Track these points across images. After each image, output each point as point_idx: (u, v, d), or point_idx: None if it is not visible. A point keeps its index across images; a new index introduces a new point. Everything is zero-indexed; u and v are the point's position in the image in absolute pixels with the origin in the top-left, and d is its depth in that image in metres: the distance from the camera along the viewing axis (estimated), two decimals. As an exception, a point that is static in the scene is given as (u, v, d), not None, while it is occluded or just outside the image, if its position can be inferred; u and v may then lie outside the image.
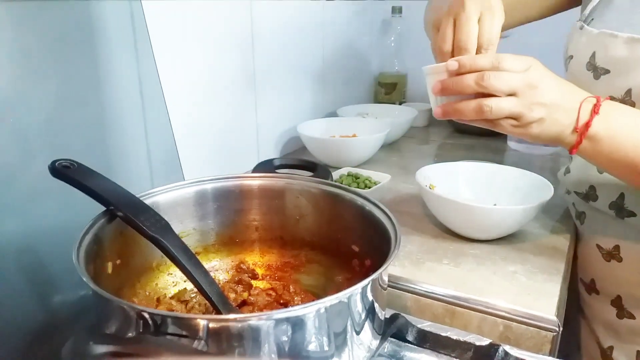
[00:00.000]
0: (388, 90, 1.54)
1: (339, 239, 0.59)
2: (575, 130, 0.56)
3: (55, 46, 0.57)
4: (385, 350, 0.52)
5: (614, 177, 0.63)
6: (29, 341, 0.54)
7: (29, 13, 0.54)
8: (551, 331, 0.57)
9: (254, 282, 0.61)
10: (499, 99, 0.54)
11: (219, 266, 0.63)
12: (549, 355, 0.57)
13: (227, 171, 0.95)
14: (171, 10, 0.76)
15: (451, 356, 0.52)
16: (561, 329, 0.57)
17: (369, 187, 0.87)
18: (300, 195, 0.61)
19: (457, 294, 0.62)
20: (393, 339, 0.54)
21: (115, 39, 0.65)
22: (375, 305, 0.46)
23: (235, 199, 0.62)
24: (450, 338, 0.52)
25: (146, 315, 0.36)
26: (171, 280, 0.59)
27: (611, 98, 0.62)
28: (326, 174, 0.83)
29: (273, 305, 0.57)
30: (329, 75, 1.33)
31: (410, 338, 0.54)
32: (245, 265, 0.63)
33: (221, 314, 0.46)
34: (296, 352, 0.39)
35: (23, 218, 0.55)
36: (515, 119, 0.55)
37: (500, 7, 0.60)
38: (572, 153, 0.58)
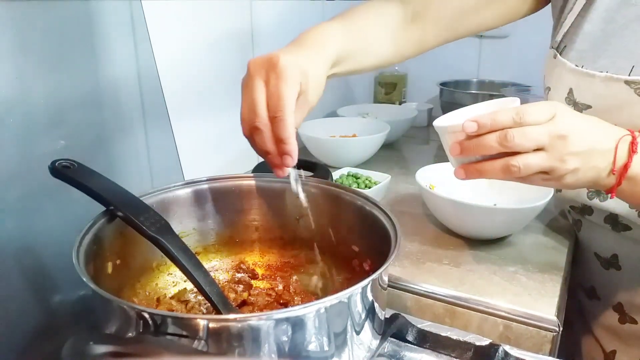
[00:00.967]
0: (388, 90, 1.54)
1: (339, 239, 0.59)
2: (613, 173, 0.51)
3: (55, 46, 0.57)
4: (385, 350, 0.52)
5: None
6: (29, 341, 0.54)
7: (29, 13, 0.54)
8: (551, 331, 0.57)
9: (254, 282, 0.61)
10: (527, 156, 0.49)
11: (219, 266, 0.63)
12: (549, 355, 0.57)
13: (227, 171, 0.95)
14: (171, 10, 0.76)
15: (451, 356, 0.52)
16: (561, 329, 0.57)
17: (369, 187, 0.87)
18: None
19: (457, 294, 0.62)
20: (393, 339, 0.54)
21: (115, 39, 0.65)
22: (375, 305, 0.46)
23: (235, 199, 0.62)
24: (450, 338, 0.52)
25: (146, 315, 0.37)
26: (171, 280, 0.59)
27: None
28: (326, 174, 0.83)
29: (273, 305, 0.57)
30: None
31: (410, 338, 0.54)
32: (245, 265, 0.63)
33: (221, 314, 0.46)
34: (296, 352, 0.39)
35: (23, 218, 0.55)
36: (546, 173, 0.51)
37: (287, 61, 0.52)
38: (612, 196, 0.53)
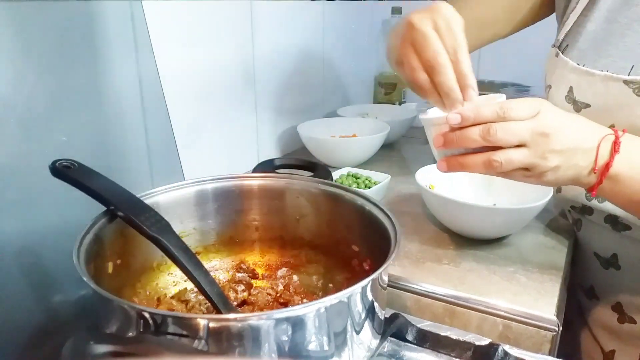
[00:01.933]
0: (388, 90, 1.54)
1: (339, 239, 0.59)
2: (594, 172, 0.52)
3: (55, 46, 0.57)
4: (385, 349, 0.52)
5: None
6: (30, 341, 0.54)
7: (29, 13, 0.54)
8: (551, 331, 0.57)
9: (254, 282, 0.61)
10: (509, 151, 0.50)
11: (219, 266, 0.63)
12: (549, 354, 0.57)
13: (227, 171, 0.96)
14: (171, 10, 0.76)
15: (451, 356, 0.52)
16: (561, 328, 0.57)
17: (369, 187, 0.87)
18: (300, 195, 0.61)
19: (457, 293, 0.62)
20: (393, 339, 0.54)
21: (115, 39, 0.65)
22: (375, 305, 0.46)
23: (235, 199, 0.62)
24: (449, 338, 0.52)
25: (147, 315, 0.37)
26: (171, 280, 0.59)
27: None
28: (326, 174, 0.83)
29: (273, 305, 0.57)
30: (329, 75, 1.33)
31: (410, 338, 0.54)
32: (245, 265, 0.63)
33: (221, 313, 0.46)
34: (296, 352, 0.39)
35: (23, 218, 0.55)
36: (527, 169, 0.52)
37: (449, 8, 0.55)
38: (593, 195, 0.54)
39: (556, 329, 0.57)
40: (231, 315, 0.44)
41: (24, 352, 0.54)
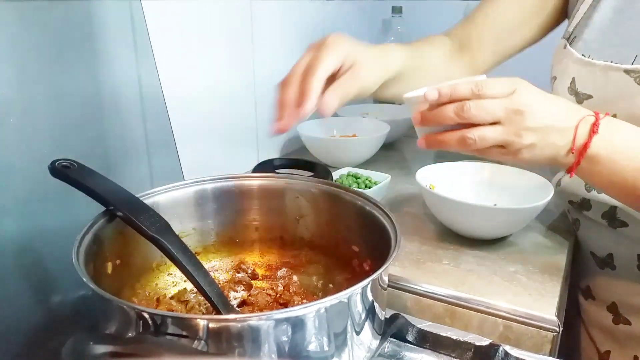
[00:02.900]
0: (388, 90, 1.53)
1: (339, 239, 0.59)
2: (572, 152, 0.52)
3: (55, 46, 0.57)
4: (385, 350, 0.52)
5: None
6: (29, 341, 0.54)
7: (29, 13, 0.54)
8: (551, 331, 0.57)
9: (254, 282, 0.61)
10: (483, 129, 0.51)
11: (219, 266, 0.63)
12: (549, 355, 0.57)
13: (227, 171, 0.95)
14: (171, 10, 0.76)
15: (451, 356, 0.52)
16: (561, 329, 0.57)
17: (369, 187, 0.87)
18: (300, 195, 0.61)
19: (457, 294, 0.62)
20: (393, 339, 0.54)
21: (115, 39, 0.65)
22: (375, 305, 0.46)
23: (235, 199, 0.62)
24: (450, 338, 0.52)
25: (146, 315, 0.37)
26: (171, 281, 0.59)
27: None
28: (326, 174, 0.83)
29: (273, 305, 0.57)
30: (329, 75, 1.32)
31: (410, 338, 0.54)
32: (245, 265, 0.63)
33: (221, 314, 0.46)
34: (296, 352, 0.39)
35: (23, 218, 0.55)
36: (503, 147, 0.52)
37: (333, 40, 0.57)
38: (571, 175, 0.55)
39: (557, 329, 0.57)
40: (231, 316, 0.44)
41: (23, 352, 0.54)
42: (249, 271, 0.62)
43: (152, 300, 0.56)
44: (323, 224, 0.61)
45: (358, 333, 0.44)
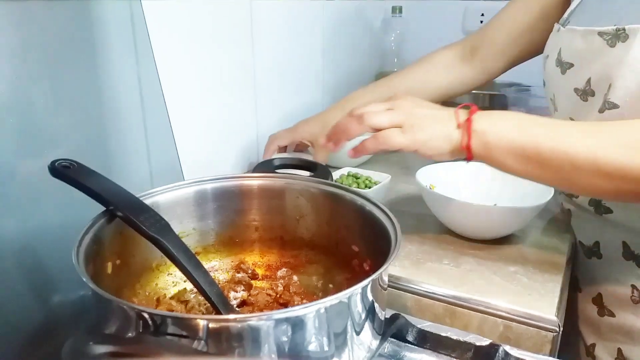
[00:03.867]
0: (388, 90, 1.53)
1: (339, 239, 0.59)
2: (459, 126, 0.58)
3: (55, 46, 0.57)
4: (385, 350, 0.52)
5: None
6: (29, 341, 0.54)
7: (29, 13, 0.54)
8: (551, 331, 0.57)
9: (254, 282, 0.61)
10: (380, 115, 0.60)
11: (219, 266, 0.63)
12: (549, 355, 0.57)
13: (227, 171, 0.95)
14: (171, 10, 0.76)
15: (451, 356, 0.52)
16: (561, 329, 0.57)
17: (369, 187, 0.87)
18: (300, 195, 0.61)
19: (457, 294, 0.62)
20: (393, 339, 0.54)
21: (115, 39, 0.65)
22: (375, 305, 0.46)
23: (235, 199, 0.62)
24: (450, 338, 0.52)
25: (146, 315, 0.36)
26: (171, 281, 0.59)
27: (575, 90, 0.65)
28: (326, 174, 0.83)
29: (273, 305, 0.57)
30: (329, 75, 1.33)
31: (410, 338, 0.54)
32: (245, 265, 0.63)
33: (221, 314, 0.46)
34: (296, 352, 0.39)
35: (23, 218, 0.55)
36: (399, 127, 0.59)
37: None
38: (469, 157, 0.58)
39: (557, 329, 0.57)
40: (231, 316, 0.44)
41: (24, 352, 0.54)
42: (249, 271, 0.62)
43: (152, 300, 0.56)
44: (323, 224, 0.61)
45: (358, 333, 0.44)
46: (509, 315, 0.59)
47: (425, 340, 0.53)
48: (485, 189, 0.81)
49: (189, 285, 0.57)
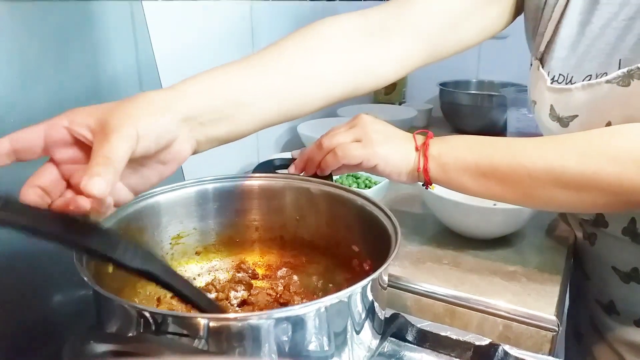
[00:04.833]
0: (388, 90, 1.54)
1: (339, 239, 0.59)
2: (417, 149, 0.58)
3: (55, 46, 0.57)
4: (385, 350, 0.52)
5: None
6: (29, 341, 0.54)
7: (29, 13, 0.54)
8: (551, 331, 0.57)
9: (254, 282, 0.61)
10: (339, 135, 0.61)
11: (219, 266, 0.63)
12: (549, 354, 0.57)
13: (227, 171, 0.96)
14: (171, 10, 0.77)
15: (451, 356, 0.52)
16: (561, 328, 0.58)
17: (369, 187, 0.87)
18: (300, 195, 0.61)
19: (457, 293, 0.62)
20: (393, 339, 0.54)
21: (115, 39, 0.65)
22: (375, 305, 0.46)
23: (236, 199, 0.62)
24: (450, 338, 0.53)
25: (147, 314, 0.37)
26: (171, 280, 0.59)
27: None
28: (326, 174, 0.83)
29: (273, 305, 0.57)
30: (329, 75, 1.32)
31: (410, 338, 0.54)
32: (246, 265, 0.63)
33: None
34: (296, 352, 0.39)
35: (23, 218, 0.55)
36: (359, 141, 0.59)
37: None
38: (427, 181, 0.58)
39: (556, 329, 0.57)
40: (231, 315, 0.44)
41: (24, 352, 0.54)
42: (250, 271, 0.62)
43: (153, 300, 0.56)
44: (323, 224, 0.61)
45: (358, 332, 0.44)
46: (509, 315, 0.59)
47: (424, 339, 0.54)
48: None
49: (189, 285, 0.57)
